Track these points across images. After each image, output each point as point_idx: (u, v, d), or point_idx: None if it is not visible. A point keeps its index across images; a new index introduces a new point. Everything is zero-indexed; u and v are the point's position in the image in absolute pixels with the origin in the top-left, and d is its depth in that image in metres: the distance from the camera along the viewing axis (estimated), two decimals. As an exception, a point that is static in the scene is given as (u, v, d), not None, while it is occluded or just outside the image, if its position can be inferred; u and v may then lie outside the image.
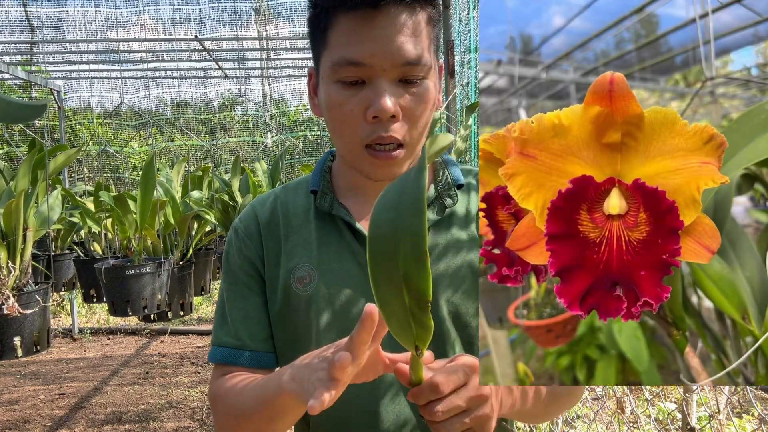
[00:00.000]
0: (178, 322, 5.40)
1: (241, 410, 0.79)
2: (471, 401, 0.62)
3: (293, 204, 0.91)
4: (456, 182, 0.88)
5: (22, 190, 2.63)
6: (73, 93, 6.24)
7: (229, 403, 0.82)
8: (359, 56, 0.74)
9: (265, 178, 3.85)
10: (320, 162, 0.93)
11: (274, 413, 0.73)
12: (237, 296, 0.89)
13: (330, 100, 0.78)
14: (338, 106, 0.77)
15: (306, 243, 0.87)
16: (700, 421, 2.11)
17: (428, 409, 0.61)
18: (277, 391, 0.70)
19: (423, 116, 0.79)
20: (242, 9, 5.34)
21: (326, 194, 0.88)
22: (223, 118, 7.19)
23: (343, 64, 0.75)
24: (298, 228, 0.88)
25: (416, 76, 0.76)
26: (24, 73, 4.23)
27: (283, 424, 0.76)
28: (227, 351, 0.87)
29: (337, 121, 0.78)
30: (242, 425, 0.81)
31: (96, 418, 3.59)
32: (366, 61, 0.74)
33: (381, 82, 0.75)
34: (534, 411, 0.79)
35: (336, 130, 0.80)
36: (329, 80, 0.78)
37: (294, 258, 0.86)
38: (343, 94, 0.76)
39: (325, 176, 0.90)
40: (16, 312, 2.41)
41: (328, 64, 0.77)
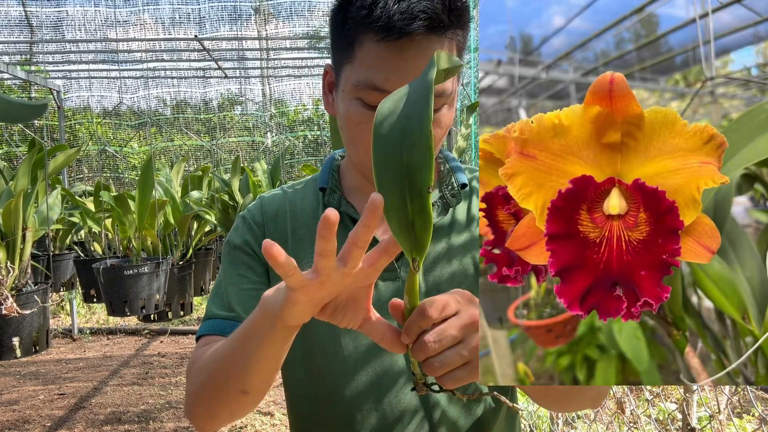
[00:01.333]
0: (177, 322, 5.39)
1: (210, 361, 0.73)
2: (466, 329, 0.58)
3: (301, 201, 0.92)
4: (459, 182, 0.89)
5: (22, 190, 2.63)
6: (73, 93, 6.24)
7: (201, 362, 0.76)
8: (385, 84, 0.72)
9: (265, 178, 3.85)
10: (327, 161, 0.94)
11: (248, 348, 0.66)
12: (234, 274, 0.87)
13: (349, 116, 0.77)
14: (357, 125, 0.76)
15: (313, 239, 0.87)
16: (700, 421, 2.11)
17: (419, 345, 0.57)
18: (257, 313, 0.64)
19: (440, 140, 0.80)
20: (242, 9, 5.33)
21: (335, 192, 0.88)
22: (222, 118, 7.20)
23: (367, 88, 0.74)
24: (305, 224, 0.89)
25: (438, 107, 0.76)
26: (23, 72, 4.23)
27: (254, 365, 0.67)
28: (217, 322, 0.83)
29: (355, 136, 0.78)
30: (206, 381, 0.73)
31: (95, 418, 3.59)
32: (390, 89, 0.72)
33: None
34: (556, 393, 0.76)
35: (352, 143, 0.80)
36: (350, 95, 0.77)
37: (300, 254, 0.86)
38: (364, 114, 0.75)
39: (333, 175, 0.91)
40: (15, 312, 2.41)
41: (352, 80, 0.76)
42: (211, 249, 3.90)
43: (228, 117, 7.25)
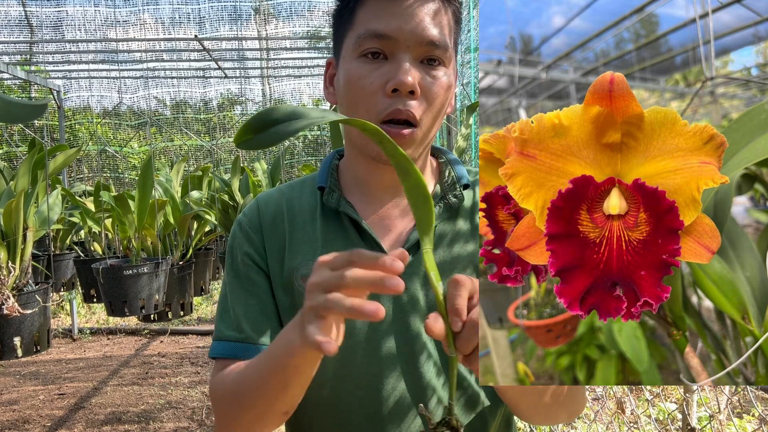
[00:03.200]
0: (177, 323, 5.39)
1: (245, 388, 0.75)
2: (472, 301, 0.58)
3: (299, 201, 0.90)
4: (460, 180, 0.88)
5: (22, 190, 2.63)
6: (73, 93, 6.23)
7: (230, 386, 0.78)
8: (386, 29, 0.76)
9: (265, 178, 3.85)
10: (326, 160, 0.93)
11: (286, 376, 0.68)
12: (239, 289, 0.87)
13: (350, 75, 0.79)
14: (358, 80, 0.78)
15: (311, 241, 0.86)
16: (700, 421, 2.11)
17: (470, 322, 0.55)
18: (286, 346, 0.66)
19: (439, 99, 0.80)
20: (242, 9, 5.33)
21: (333, 191, 0.87)
22: (222, 117, 7.20)
23: (368, 36, 0.77)
24: (303, 225, 0.88)
25: (438, 58, 0.78)
26: (23, 72, 4.23)
27: (294, 388, 0.70)
28: (229, 345, 0.84)
29: (357, 95, 0.79)
30: (247, 406, 0.75)
31: (95, 418, 3.59)
32: (392, 34, 0.76)
33: (404, 57, 0.76)
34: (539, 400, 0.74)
35: (353, 106, 0.80)
36: (352, 57, 0.79)
37: (298, 255, 0.85)
38: (365, 68, 0.78)
39: (332, 174, 0.90)
40: (16, 312, 2.41)
41: (353, 39, 0.79)
42: (211, 249, 3.89)
43: (228, 117, 7.25)
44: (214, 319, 0.91)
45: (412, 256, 0.81)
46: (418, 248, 0.81)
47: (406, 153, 0.79)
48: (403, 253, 0.57)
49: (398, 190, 0.86)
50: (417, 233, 0.81)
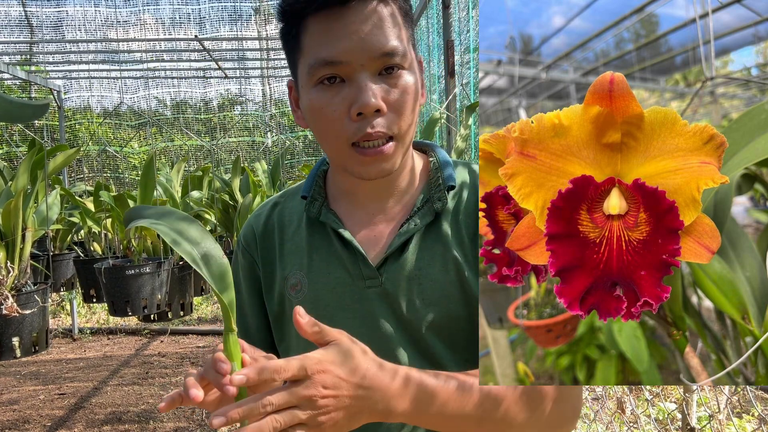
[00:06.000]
0: (178, 322, 5.39)
1: None
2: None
3: (289, 211, 0.91)
4: (447, 184, 0.84)
5: (21, 190, 2.63)
6: (73, 93, 6.24)
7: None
8: (334, 55, 0.73)
9: (265, 177, 3.85)
10: (315, 167, 0.93)
11: None
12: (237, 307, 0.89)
13: (312, 105, 0.76)
14: (320, 109, 0.75)
15: (298, 250, 0.87)
16: (700, 421, 2.11)
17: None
18: None
19: (408, 106, 0.77)
20: (242, 9, 5.33)
21: (316, 200, 0.87)
22: (222, 118, 7.20)
23: (319, 66, 0.74)
24: (291, 235, 0.89)
25: (396, 65, 0.75)
26: (23, 72, 4.23)
27: None
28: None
29: (322, 124, 0.77)
30: None
31: (95, 418, 3.59)
32: (342, 59, 0.72)
33: (361, 77, 0.73)
34: (486, 415, 0.68)
35: (322, 134, 0.79)
36: (309, 86, 0.76)
37: (288, 266, 0.87)
38: (325, 96, 0.75)
39: (317, 182, 0.89)
40: (15, 312, 2.41)
41: (306, 69, 0.76)
42: (211, 249, 3.88)
43: (228, 117, 7.25)
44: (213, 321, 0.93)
45: (395, 260, 0.81)
46: (402, 252, 0.81)
47: (393, 162, 0.78)
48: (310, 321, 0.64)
49: (383, 196, 0.85)
50: (399, 238, 0.82)
